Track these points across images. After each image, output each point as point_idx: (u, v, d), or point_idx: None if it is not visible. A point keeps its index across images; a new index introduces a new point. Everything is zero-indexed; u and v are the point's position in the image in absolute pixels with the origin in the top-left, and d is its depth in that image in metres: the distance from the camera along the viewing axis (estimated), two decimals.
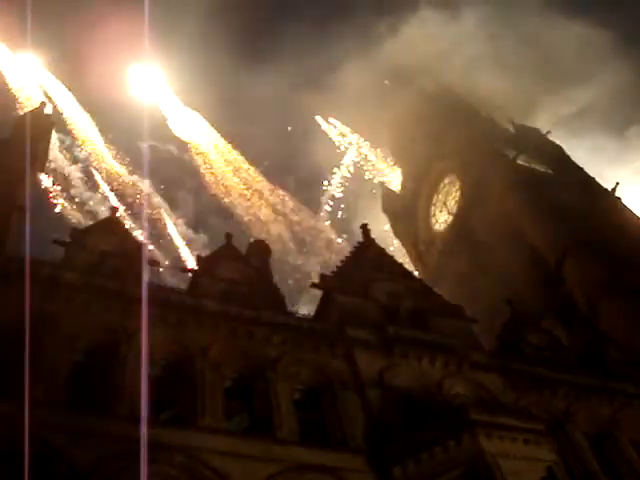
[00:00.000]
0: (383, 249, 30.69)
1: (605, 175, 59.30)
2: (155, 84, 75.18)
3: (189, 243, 79.02)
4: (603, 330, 35.59)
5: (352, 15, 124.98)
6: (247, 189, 77.31)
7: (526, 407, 24.04)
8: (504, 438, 19.21)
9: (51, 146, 34.21)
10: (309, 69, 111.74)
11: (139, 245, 24.79)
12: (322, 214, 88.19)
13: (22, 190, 26.33)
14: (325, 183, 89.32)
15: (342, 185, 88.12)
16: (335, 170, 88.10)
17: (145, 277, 21.11)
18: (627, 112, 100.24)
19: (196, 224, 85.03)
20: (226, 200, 77.21)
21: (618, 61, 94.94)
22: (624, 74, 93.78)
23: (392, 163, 78.50)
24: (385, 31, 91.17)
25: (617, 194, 55.11)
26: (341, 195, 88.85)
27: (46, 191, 68.47)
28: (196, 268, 25.04)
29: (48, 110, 34.83)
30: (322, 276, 27.11)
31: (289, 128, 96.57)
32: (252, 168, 78.33)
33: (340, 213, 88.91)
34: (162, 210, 77.14)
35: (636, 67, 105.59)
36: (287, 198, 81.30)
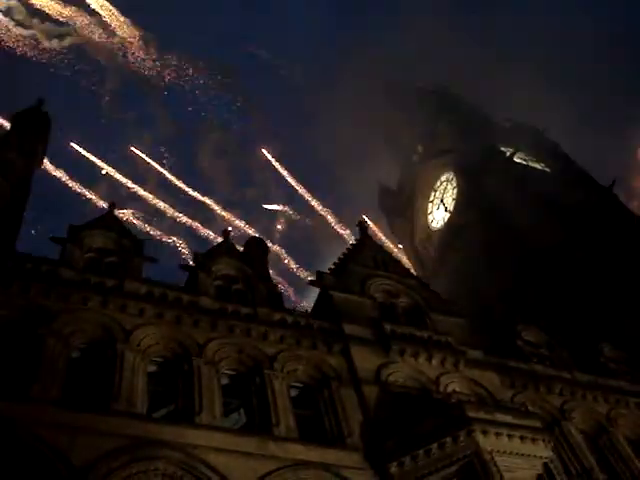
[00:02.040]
0: (380, 246, 30.73)
1: (602, 172, 59.38)
2: None
3: None
4: (599, 327, 35.74)
5: (351, 13, 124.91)
6: None
7: (522, 404, 24.14)
8: (501, 435, 19.22)
9: None
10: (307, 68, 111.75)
11: (136, 241, 24.77)
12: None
13: (20, 187, 26.33)
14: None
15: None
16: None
17: None
18: (625, 109, 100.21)
19: None
20: None
21: (616, 59, 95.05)
22: (622, 72, 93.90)
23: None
24: (384, 30, 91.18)
25: (614, 191, 55.19)
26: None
27: None
28: (193, 265, 25.02)
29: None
30: (319, 273, 27.10)
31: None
32: None
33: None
34: None
35: (634, 65, 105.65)
36: None
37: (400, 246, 69.11)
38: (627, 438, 25.58)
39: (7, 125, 30.78)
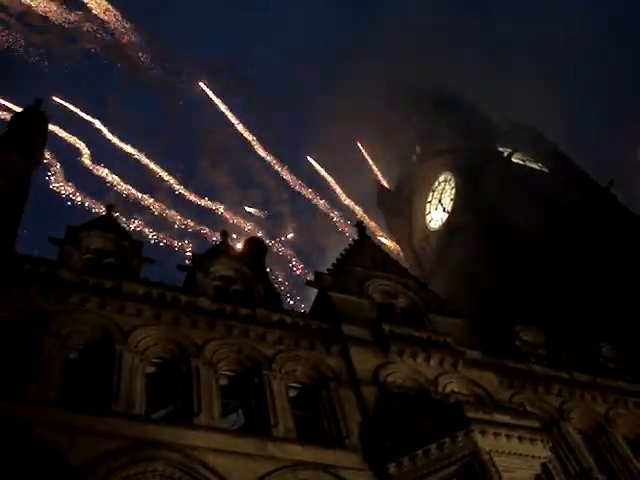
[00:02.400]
0: (378, 247, 30.72)
1: (601, 173, 59.45)
2: None
3: None
4: (597, 327, 35.75)
5: (351, 13, 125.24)
6: None
7: (521, 404, 24.16)
8: (499, 435, 19.24)
9: None
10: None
11: (134, 242, 24.76)
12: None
13: (19, 188, 26.34)
14: None
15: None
16: None
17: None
18: (624, 109, 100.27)
19: None
20: None
21: (614, 61, 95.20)
22: (620, 72, 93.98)
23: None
24: (384, 30, 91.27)
25: (612, 191, 55.20)
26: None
27: None
28: (191, 265, 25.00)
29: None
30: (317, 274, 27.08)
31: None
32: None
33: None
34: None
35: (632, 65, 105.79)
36: None
37: (399, 246, 69.06)
38: (626, 438, 25.60)
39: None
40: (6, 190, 24.86)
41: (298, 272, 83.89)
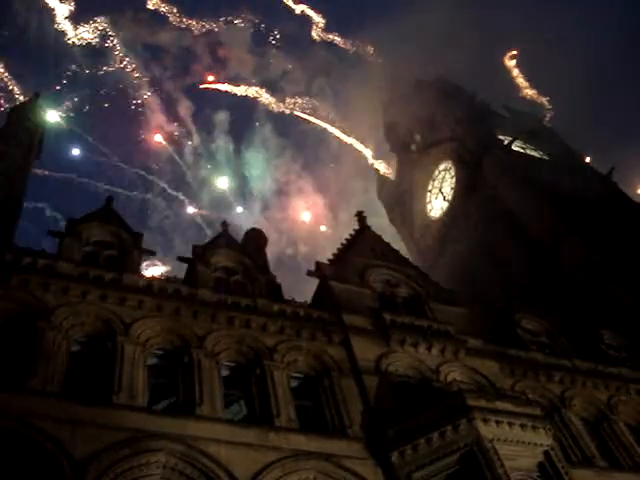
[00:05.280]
0: (379, 236, 30.68)
1: (601, 160, 59.26)
2: None
3: None
4: (598, 315, 35.74)
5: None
6: None
7: (523, 392, 24.15)
8: (501, 423, 19.28)
9: None
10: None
11: (135, 235, 24.72)
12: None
13: (18, 181, 26.29)
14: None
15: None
16: None
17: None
18: (624, 96, 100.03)
19: None
20: None
21: (615, 47, 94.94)
22: (621, 58, 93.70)
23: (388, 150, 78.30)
24: (384, 23, 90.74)
25: (613, 179, 55.08)
26: None
27: None
28: (192, 257, 24.97)
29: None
30: (318, 264, 27.07)
31: None
32: None
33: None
34: None
35: (633, 54, 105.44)
36: None
37: (399, 236, 68.96)
38: (628, 425, 25.60)
39: None
40: (4, 183, 24.81)
41: None
